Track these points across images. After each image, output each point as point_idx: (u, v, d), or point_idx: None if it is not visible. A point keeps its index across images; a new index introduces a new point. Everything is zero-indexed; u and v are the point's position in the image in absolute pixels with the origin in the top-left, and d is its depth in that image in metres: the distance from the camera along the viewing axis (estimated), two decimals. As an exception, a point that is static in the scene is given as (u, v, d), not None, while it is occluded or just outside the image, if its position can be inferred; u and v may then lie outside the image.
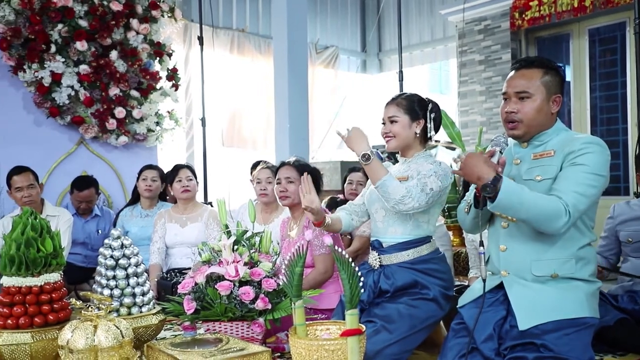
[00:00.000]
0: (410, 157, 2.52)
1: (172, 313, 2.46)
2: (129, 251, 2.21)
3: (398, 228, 2.44)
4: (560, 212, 1.89)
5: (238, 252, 2.46)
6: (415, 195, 2.29)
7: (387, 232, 2.47)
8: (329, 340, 1.72)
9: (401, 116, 2.47)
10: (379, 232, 2.51)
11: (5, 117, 4.83)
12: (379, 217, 2.50)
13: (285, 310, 2.33)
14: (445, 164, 2.46)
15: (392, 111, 2.49)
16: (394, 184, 2.30)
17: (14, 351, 1.86)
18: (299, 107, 5.99)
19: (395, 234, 2.45)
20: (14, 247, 1.92)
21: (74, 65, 4.91)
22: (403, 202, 2.28)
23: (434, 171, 2.37)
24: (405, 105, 2.49)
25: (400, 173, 2.49)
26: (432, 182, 2.35)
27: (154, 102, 5.39)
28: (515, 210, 1.90)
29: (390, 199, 2.29)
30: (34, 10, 4.68)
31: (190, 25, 7.13)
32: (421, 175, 2.37)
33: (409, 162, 2.50)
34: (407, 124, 2.47)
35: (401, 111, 2.47)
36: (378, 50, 10.15)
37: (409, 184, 2.33)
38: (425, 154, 2.52)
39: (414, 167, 2.45)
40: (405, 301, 2.35)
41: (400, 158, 2.59)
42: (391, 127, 2.48)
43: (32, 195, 3.75)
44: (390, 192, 2.29)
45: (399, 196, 2.28)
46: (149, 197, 4.30)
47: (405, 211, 2.32)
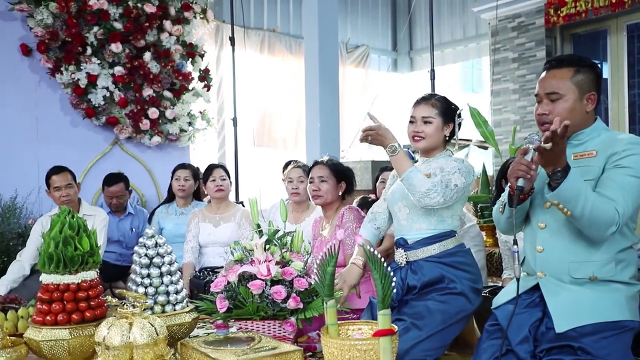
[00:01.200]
0: (431, 157, 2.51)
1: (205, 311, 2.49)
2: (163, 250, 2.24)
3: (422, 224, 2.43)
4: (613, 221, 1.87)
5: (270, 251, 2.47)
6: (440, 191, 2.29)
7: (411, 228, 2.47)
8: (361, 340, 1.72)
9: (436, 118, 2.46)
10: (403, 230, 2.51)
11: (43, 118, 4.95)
12: (403, 215, 2.49)
13: (317, 310, 2.33)
14: (467, 162, 2.47)
15: (426, 111, 2.46)
16: (419, 176, 2.30)
17: (52, 347, 1.90)
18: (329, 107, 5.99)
19: (420, 230, 2.44)
20: (53, 245, 1.96)
21: (109, 67, 5.00)
22: (428, 195, 2.28)
23: (457, 168, 2.37)
24: (439, 107, 2.47)
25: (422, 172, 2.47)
26: (456, 179, 2.34)
27: (187, 103, 5.45)
28: (574, 204, 1.85)
29: (416, 191, 2.29)
30: (71, 14, 4.78)
31: (221, 26, 7.19)
32: (445, 172, 2.36)
33: (430, 162, 2.50)
34: (440, 127, 2.46)
35: (436, 113, 2.46)
36: (409, 49, 10.08)
37: (434, 180, 2.32)
38: (446, 154, 2.52)
39: (436, 166, 2.44)
40: (434, 297, 2.34)
41: (420, 158, 2.58)
42: (424, 128, 2.46)
43: (69, 195, 3.82)
44: (416, 185, 2.29)
45: (424, 189, 2.28)
46: (182, 197, 4.37)
47: (431, 206, 2.32)
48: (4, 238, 4.42)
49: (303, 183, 3.57)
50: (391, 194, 2.58)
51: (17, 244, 4.38)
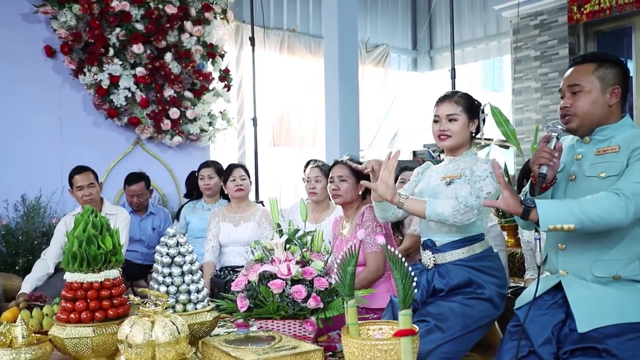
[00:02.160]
0: (458, 155, 2.49)
1: (225, 310, 2.49)
2: (184, 249, 2.25)
3: (452, 227, 2.40)
4: (614, 200, 1.82)
5: (290, 250, 2.47)
6: (470, 203, 2.26)
7: (440, 230, 2.44)
8: (382, 340, 1.71)
9: (461, 115, 2.43)
10: (431, 232, 2.48)
11: (67, 118, 5.02)
12: None
13: (337, 310, 2.33)
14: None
15: (451, 109, 2.44)
16: (437, 203, 2.28)
17: (76, 344, 1.93)
18: (349, 106, 5.98)
19: (449, 233, 2.42)
20: (76, 244, 1.99)
21: (130, 68, 5.05)
22: (459, 212, 2.26)
23: (489, 172, 2.33)
24: (463, 103, 2.44)
25: (449, 172, 2.45)
26: (487, 185, 2.30)
27: (207, 103, 5.49)
28: (565, 221, 1.84)
29: (445, 217, 2.27)
30: (94, 15, 4.84)
31: (241, 26, 7.21)
32: (476, 177, 2.32)
33: (457, 161, 2.47)
34: (466, 123, 2.44)
35: (460, 109, 2.43)
36: (429, 48, 10.02)
37: (460, 193, 2.29)
38: (472, 152, 2.50)
39: (464, 166, 2.41)
40: (460, 300, 2.31)
41: (446, 157, 2.55)
42: (450, 126, 2.44)
43: (92, 194, 3.86)
44: (441, 212, 2.27)
45: (450, 209, 2.26)
46: (210, 195, 4.42)
47: (467, 220, 2.29)
48: (29, 237, 4.50)
49: (320, 183, 3.57)
50: (419, 193, 2.55)
51: (42, 243, 4.45)
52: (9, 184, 4.65)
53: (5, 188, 4.62)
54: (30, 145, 4.84)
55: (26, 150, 4.81)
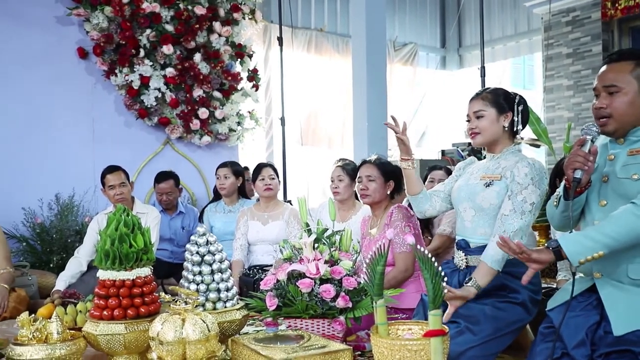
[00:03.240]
0: (498, 152, 2.43)
1: (254, 309, 2.51)
2: (214, 248, 2.27)
3: (488, 229, 2.35)
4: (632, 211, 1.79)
5: (319, 250, 2.47)
6: (518, 226, 2.24)
7: (475, 232, 2.40)
8: (411, 340, 1.70)
9: (488, 110, 2.39)
10: (466, 232, 2.44)
11: (99, 119, 5.11)
12: (468, 217, 2.42)
13: (366, 309, 2.32)
14: (539, 163, 2.36)
15: (478, 106, 2.41)
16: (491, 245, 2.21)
17: (109, 341, 1.96)
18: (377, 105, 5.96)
19: (485, 235, 2.37)
20: (109, 243, 2.02)
21: (160, 69, 5.11)
22: (512, 231, 2.23)
23: (530, 178, 2.27)
24: (490, 98, 2.40)
25: (491, 171, 2.40)
26: (530, 195, 2.25)
27: (235, 103, 5.53)
28: (594, 250, 1.82)
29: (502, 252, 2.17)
30: (125, 17, 4.92)
31: (269, 26, 7.25)
32: (516, 186, 2.27)
33: (498, 159, 2.42)
34: (494, 118, 2.39)
35: (487, 105, 2.39)
36: (458, 46, 9.93)
37: (505, 213, 2.26)
38: (514, 149, 2.42)
39: (505, 165, 2.36)
40: (492, 303, 2.28)
41: (487, 154, 2.50)
42: (477, 123, 2.40)
43: (123, 193, 3.92)
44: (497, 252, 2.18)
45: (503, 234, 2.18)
46: (226, 195, 4.45)
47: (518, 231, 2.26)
48: (63, 235, 4.58)
49: (342, 182, 3.57)
50: (457, 190, 2.50)
51: (75, 241, 4.53)
52: (43, 183, 4.75)
53: (40, 187, 4.72)
54: (64, 145, 4.93)
55: (60, 150, 4.91)
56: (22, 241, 4.58)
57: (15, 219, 4.56)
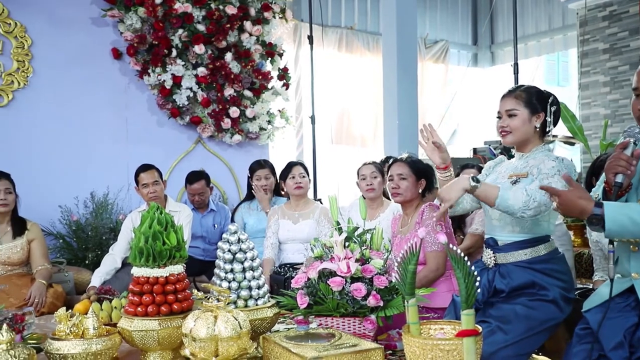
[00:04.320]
0: (527, 152, 2.40)
1: (285, 307, 2.51)
2: (245, 246, 2.28)
3: (516, 227, 2.34)
4: None
5: (349, 248, 2.46)
6: (538, 198, 2.18)
7: (504, 230, 2.38)
8: (444, 340, 1.68)
9: (520, 109, 2.36)
10: (494, 230, 2.42)
11: (132, 118, 5.20)
12: (495, 215, 2.40)
13: (397, 308, 2.31)
14: (568, 160, 2.33)
15: (511, 104, 2.37)
16: (510, 193, 2.20)
17: (143, 337, 1.99)
18: (408, 103, 5.93)
19: (513, 232, 2.35)
20: (143, 240, 2.05)
21: (192, 68, 5.17)
22: (528, 207, 2.18)
23: (557, 170, 2.25)
24: (524, 97, 2.37)
25: (519, 170, 2.38)
26: (556, 183, 2.22)
27: (266, 102, 5.55)
28: (631, 231, 1.77)
29: (515, 209, 2.19)
30: (157, 18, 4.99)
31: (300, 24, 7.26)
32: (543, 175, 2.25)
33: (527, 158, 2.39)
34: (527, 118, 2.36)
35: (520, 104, 2.36)
36: (490, 43, 9.80)
37: (530, 187, 2.22)
38: (544, 148, 2.40)
39: (533, 163, 2.33)
40: (523, 302, 2.25)
41: (516, 153, 2.47)
42: (509, 121, 2.37)
43: (156, 192, 3.97)
44: (511, 204, 2.19)
45: (521, 203, 2.18)
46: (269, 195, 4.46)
47: (533, 216, 2.22)
48: (98, 232, 4.68)
49: (377, 179, 3.57)
50: None
51: (109, 238, 4.61)
52: (79, 182, 4.85)
53: (75, 185, 4.82)
54: (98, 144, 5.03)
55: (94, 149, 5.00)
56: (59, 238, 4.68)
57: (53, 216, 4.67)
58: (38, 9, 4.81)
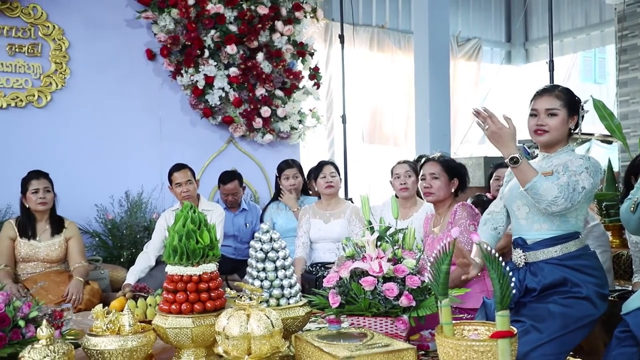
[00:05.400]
0: (553, 152, 2.38)
1: (317, 306, 2.51)
2: (277, 245, 2.29)
3: (544, 224, 2.31)
4: None
5: (381, 248, 2.45)
6: (567, 195, 2.15)
7: (531, 228, 2.35)
8: (478, 341, 1.66)
9: (561, 110, 2.32)
10: (522, 229, 2.39)
11: (165, 118, 5.26)
12: (522, 214, 2.38)
13: (430, 308, 2.29)
14: (595, 159, 2.30)
15: (551, 103, 2.33)
16: (545, 184, 2.16)
17: (177, 334, 2.01)
18: (440, 102, 5.88)
19: (541, 230, 2.32)
20: (177, 238, 2.07)
21: (224, 68, 5.21)
22: (555, 203, 2.15)
23: (585, 167, 2.22)
24: (564, 98, 2.33)
25: (542, 169, 2.34)
26: (583, 180, 2.19)
27: (297, 101, 5.57)
28: None
29: (542, 200, 2.16)
30: (190, 19, 5.04)
31: (331, 24, 7.26)
32: (571, 172, 2.21)
33: (551, 158, 2.36)
34: (565, 119, 2.33)
35: (561, 104, 2.32)
36: (524, 40, 9.64)
37: (559, 182, 2.18)
38: (568, 149, 2.38)
39: (558, 162, 2.31)
40: (556, 300, 2.21)
41: (540, 153, 2.44)
42: (548, 120, 2.33)
43: (189, 191, 4.02)
44: (542, 194, 2.16)
45: (551, 197, 2.15)
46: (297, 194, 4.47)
47: (557, 212, 2.19)
48: (132, 231, 4.75)
49: (411, 178, 3.55)
50: (509, 191, 2.46)
51: (143, 237, 4.68)
52: (114, 181, 4.93)
53: (111, 184, 4.91)
54: (133, 144, 5.10)
55: (129, 149, 5.08)
56: (94, 236, 4.78)
57: (89, 215, 4.76)
58: (75, 12, 4.91)
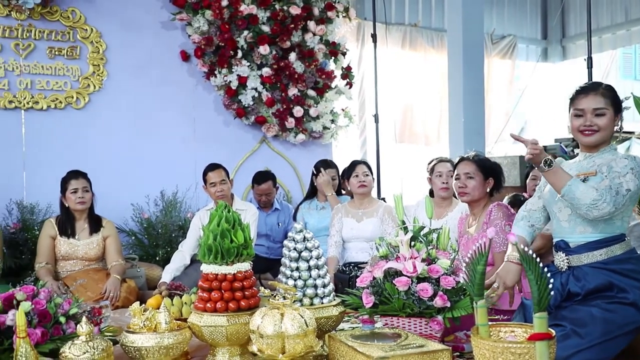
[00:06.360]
0: (596, 151, 2.32)
1: (350, 306, 2.51)
2: (311, 244, 2.30)
3: (587, 227, 2.24)
4: None
5: (415, 248, 2.44)
6: (609, 199, 2.10)
7: (574, 231, 2.29)
8: (515, 343, 1.63)
9: (609, 109, 2.27)
10: (564, 232, 2.33)
11: (199, 118, 5.32)
12: (564, 216, 2.32)
13: (465, 309, 2.27)
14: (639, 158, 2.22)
15: (598, 102, 2.27)
16: (580, 188, 2.12)
17: (212, 332, 2.04)
18: (474, 101, 5.81)
19: (584, 233, 2.26)
20: (211, 238, 2.10)
21: (257, 69, 5.25)
22: (596, 206, 2.10)
23: (630, 168, 2.16)
24: (610, 96, 2.28)
25: (584, 169, 2.28)
26: (628, 182, 2.13)
27: (329, 101, 5.57)
28: None
29: (581, 204, 2.12)
30: (224, 20, 5.09)
31: (363, 23, 7.23)
32: (615, 173, 2.16)
33: (593, 157, 2.31)
34: (612, 118, 2.29)
35: (608, 102, 2.27)
36: (561, 37, 9.44)
37: (600, 186, 2.13)
38: (611, 148, 2.32)
39: (600, 162, 2.25)
40: (599, 304, 2.15)
41: (581, 153, 2.38)
42: (597, 120, 2.27)
43: (224, 190, 4.06)
44: (579, 197, 2.11)
45: (589, 200, 2.10)
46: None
47: (600, 217, 2.13)
48: (167, 230, 4.82)
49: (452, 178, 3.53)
50: (549, 192, 2.41)
51: (178, 236, 4.74)
52: (149, 180, 5.00)
53: (146, 184, 4.98)
54: (168, 144, 5.17)
55: (164, 149, 5.15)
56: (131, 235, 4.86)
57: (125, 214, 4.85)
58: (112, 15, 5.01)
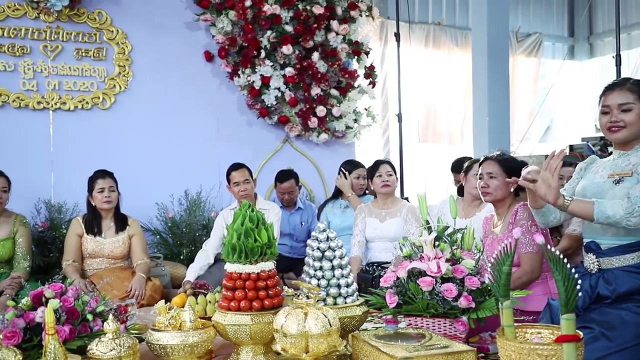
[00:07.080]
0: (630, 149, 2.26)
1: (374, 305, 2.50)
2: (334, 244, 2.30)
3: (620, 229, 2.20)
4: None
5: (439, 248, 2.42)
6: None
7: (606, 233, 2.25)
8: (542, 344, 1.61)
9: (636, 104, 2.22)
10: (595, 233, 2.29)
11: (223, 118, 5.36)
12: None
13: (490, 310, 2.24)
14: None
15: (625, 98, 2.23)
16: (606, 205, 2.10)
17: (236, 331, 2.05)
18: (498, 99, 5.76)
19: (617, 235, 2.21)
20: (235, 237, 2.10)
21: (280, 68, 5.26)
22: (632, 214, 2.07)
23: None
24: (637, 91, 2.23)
25: (620, 168, 2.24)
26: None
27: (352, 100, 5.56)
28: None
29: (617, 219, 2.09)
30: (247, 20, 5.12)
31: (386, 22, 7.21)
32: None
33: (628, 156, 2.25)
34: None
35: (635, 97, 2.22)
36: (588, 34, 9.29)
37: (634, 193, 2.08)
38: None
39: (636, 161, 2.20)
40: (630, 307, 2.11)
41: (615, 151, 2.33)
42: (623, 116, 2.23)
43: (247, 190, 4.08)
44: (611, 214, 2.09)
45: (622, 211, 2.08)
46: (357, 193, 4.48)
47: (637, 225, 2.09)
48: (191, 229, 4.86)
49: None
50: (582, 190, 2.36)
51: (202, 235, 4.78)
52: (174, 180, 5.05)
53: (171, 183, 5.03)
54: (192, 143, 5.22)
55: (188, 149, 5.20)
56: (156, 234, 4.91)
57: (150, 213, 4.90)
58: (138, 16, 5.07)
